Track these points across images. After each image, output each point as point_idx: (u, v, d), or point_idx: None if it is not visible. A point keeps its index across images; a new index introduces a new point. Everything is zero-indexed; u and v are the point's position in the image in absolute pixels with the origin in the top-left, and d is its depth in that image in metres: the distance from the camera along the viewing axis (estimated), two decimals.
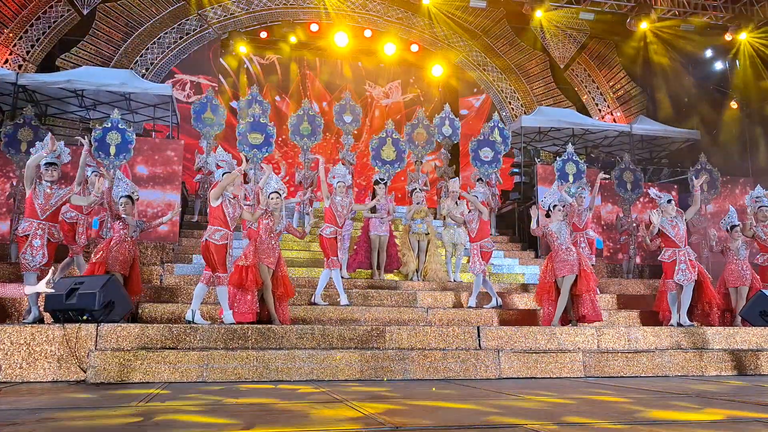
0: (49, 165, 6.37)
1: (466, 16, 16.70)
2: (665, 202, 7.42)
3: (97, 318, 5.51)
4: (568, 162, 11.22)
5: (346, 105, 12.44)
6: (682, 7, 14.64)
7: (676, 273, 7.23)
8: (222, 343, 5.54)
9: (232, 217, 6.24)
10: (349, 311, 7.18)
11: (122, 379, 4.86)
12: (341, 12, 16.35)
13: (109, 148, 9.62)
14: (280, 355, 5.25)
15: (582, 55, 17.28)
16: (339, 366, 5.30)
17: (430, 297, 8.12)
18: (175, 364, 4.99)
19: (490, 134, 11.80)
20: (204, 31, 15.95)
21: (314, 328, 5.90)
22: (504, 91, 17.69)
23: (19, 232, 6.30)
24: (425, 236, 9.12)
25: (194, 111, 11.45)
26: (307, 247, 10.54)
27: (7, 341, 5.00)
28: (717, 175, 12.47)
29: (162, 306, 6.87)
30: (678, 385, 5.07)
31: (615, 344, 6.47)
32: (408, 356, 5.45)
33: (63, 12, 14.33)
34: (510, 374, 5.58)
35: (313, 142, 11.46)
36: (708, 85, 15.53)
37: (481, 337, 6.19)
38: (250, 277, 6.32)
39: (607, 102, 17.30)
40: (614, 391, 4.54)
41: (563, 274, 7.03)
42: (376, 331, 6.01)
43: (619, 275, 11.54)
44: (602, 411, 3.55)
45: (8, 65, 13.53)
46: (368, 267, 9.04)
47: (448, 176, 12.22)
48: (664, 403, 3.95)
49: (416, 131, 11.92)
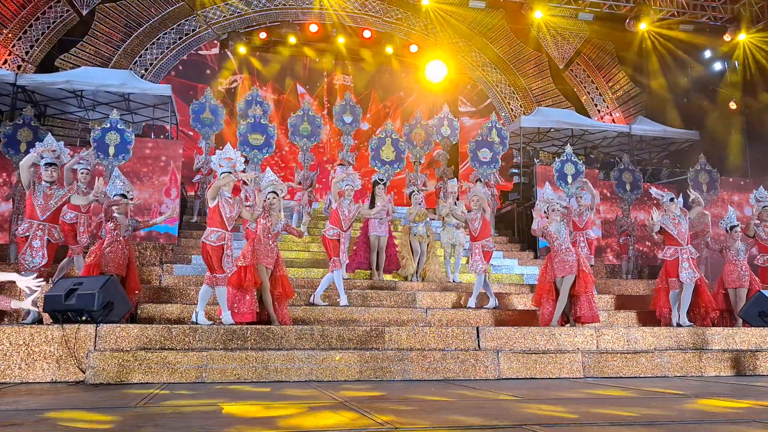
0: (49, 165, 6.35)
1: (465, 17, 16.71)
2: (668, 200, 7.46)
3: (96, 318, 5.50)
4: (567, 162, 11.24)
5: (346, 105, 12.45)
6: (681, 7, 14.66)
7: (680, 271, 7.27)
8: (221, 343, 5.53)
9: (229, 218, 6.21)
10: (349, 312, 7.18)
11: (121, 379, 4.85)
12: (340, 12, 16.36)
13: (108, 148, 9.63)
14: (280, 356, 5.24)
15: (581, 56, 17.30)
16: (338, 367, 5.30)
17: (429, 297, 8.11)
18: (174, 365, 4.98)
19: (488, 135, 11.80)
20: (203, 32, 15.96)
21: (313, 329, 5.89)
22: (503, 91, 17.71)
23: (19, 233, 6.30)
24: (425, 237, 9.11)
25: (193, 111, 11.45)
26: (306, 247, 10.54)
27: (6, 342, 4.99)
28: (716, 176, 12.49)
29: (161, 306, 6.86)
30: (678, 385, 5.08)
31: (614, 345, 6.47)
32: (407, 357, 5.44)
33: (62, 12, 14.33)
34: (509, 375, 5.58)
35: (313, 142, 11.47)
36: (707, 85, 15.55)
37: (481, 337, 6.19)
38: (249, 278, 6.31)
39: (606, 102, 17.32)
40: (614, 391, 4.54)
41: (562, 275, 7.03)
42: (375, 331, 6.00)
43: (618, 275, 11.55)
44: (601, 412, 3.55)
45: (7, 66, 13.53)
46: (367, 267, 9.04)
47: (447, 177, 12.22)
48: (663, 403, 3.96)
49: (414, 131, 11.92)
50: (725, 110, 15.02)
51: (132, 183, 7.77)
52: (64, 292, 5.61)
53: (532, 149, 15.38)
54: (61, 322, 5.43)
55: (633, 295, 9.50)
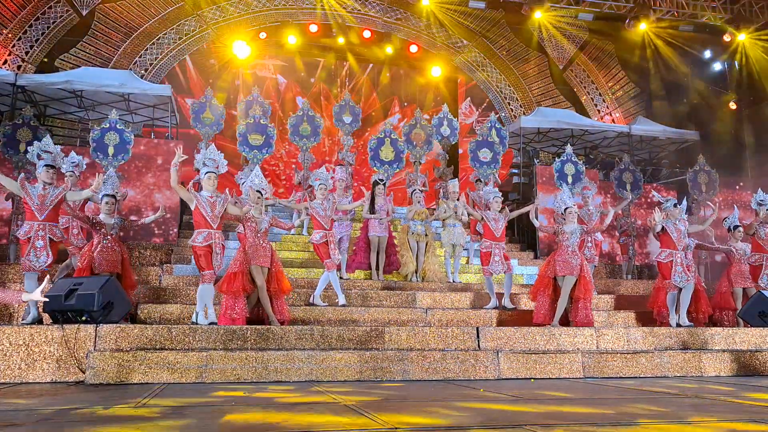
0: (50, 168, 6.41)
1: (464, 17, 16.70)
2: (671, 205, 7.53)
3: (96, 319, 5.50)
4: (567, 163, 11.23)
5: (346, 105, 12.44)
6: (681, 7, 14.64)
7: (673, 275, 7.34)
8: (221, 344, 5.53)
9: (212, 216, 6.17)
10: (348, 312, 7.17)
11: (121, 380, 4.85)
12: (340, 13, 16.35)
13: (107, 148, 9.62)
14: (279, 356, 5.24)
15: (581, 56, 17.28)
16: (338, 367, 5.30)
17: (429, 298, 8.11)
18: (174, 365, 4.98)
19: (488, 135, 11.80)
20: (203, 32, 15.95)
21: (313, 329, 5.89)
22: (503, 91, 17.70)
23: (20, 235, 6.30)
24: (424, 237, 9.11)
25: (193, 111, 11.44)
26: (306, 247, 10.53)
27: (6, 342, 4.99)
28: (716, 176, 12.50)
29: (161, 307, 6.86)
30: (677, 385, 5.08)
31: (614, 345, 6.47)
32: (407, 357, 5.44)
33: (62, 13, 14.31)
34: (509, 375, 5.58)
35: (313, 142, 11.47)
36: (707, 85, 15.55)
37: (481, 337, 6.19)
38: (237, 284, 6.31)
39: (606, 103, 17.31)
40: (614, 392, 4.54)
41: (564, 274, 7.09)
42: (375, 331, 6.00)
43: (618, 276, 11.54)
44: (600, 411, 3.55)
45: (7, 66, 13.51)
46: (367, 268, 9.04)
47: (447, 177, 12.21)
48: (662, 404, 3.96)
49: (414, 132, 11.92)
50: (725, 110, 15.02)
51: (131, 183, 7.79)
52: (64, 293, 5.61)
53: (532, 149, 15.38)
54: (61, 323, 5.43)
55: (633, 295, 9.51)
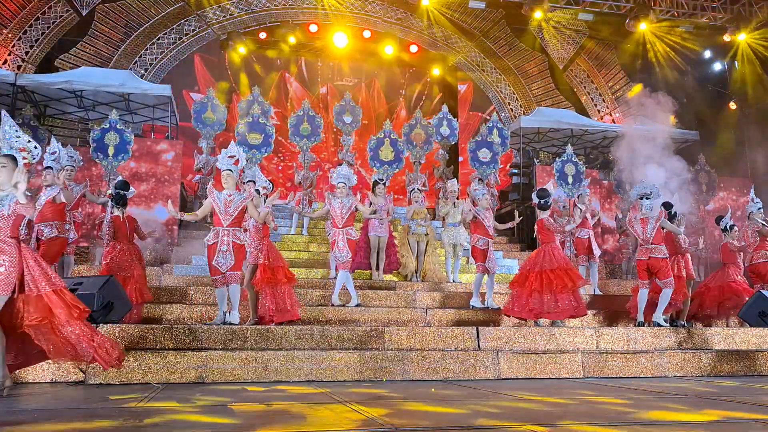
0: (50, 169, 6.41)
1: (464, 17, 16.69)
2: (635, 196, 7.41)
3: (95, 319, 5.50)
4: (567, 163, 11.24)
5: (346, 106, 12.45)
6: (680, 7, 14.65)
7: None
8: (221, 344, 5.53)
9: (224, 213, 6.17)
10: (349, 312, 7.18)
11: (121, 379, 4.85)
12: (340, 12, 16.34)
13: (107, 148, 9.62)
14: (279, 356, 5.24)
15: (581, 56, 17.28)
16: (338, 367, 5.30)
17: (429, 298, 8.11)
18: (174, 365, 4.99)
19: (488, 135, 11.81)
20: (203, 32, 15.94)
21: (313, 329, 5.89)
22: (503, 91, 17.70)
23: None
24: (424, 237, 9.11)
25: (195, 111, 11.44)
26: (306, 247, 10.55)
27: None
28: (715, 176, 12.51)
29: (161, 307, 6.87)
30: (677, 386, 5.08)
31: (614, 345, 6.47)
32: (407, 357, 5.45)
33: (62, 12, 14.31)
34: (509, 375, 5.58)
35: (313, 142, 11.47)
36: (707, 85, 15.55)
37: (480, 337, 6.19)
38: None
39: (606, 103, 17.32)
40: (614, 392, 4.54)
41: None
42: (375, 331, 6.00)
43: (618, 276, 11.55)
44: (600, 412, 3.55)
45: (7, 66, 13.51)
46: (367, 267, 9.04)
47: (446, 177, 12.22)
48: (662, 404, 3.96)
49: (414, 132, 11.92)
50: (725, 110, 15.03)
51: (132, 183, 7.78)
52: None
53: (532, 149, 15.38)
54: None
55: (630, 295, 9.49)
